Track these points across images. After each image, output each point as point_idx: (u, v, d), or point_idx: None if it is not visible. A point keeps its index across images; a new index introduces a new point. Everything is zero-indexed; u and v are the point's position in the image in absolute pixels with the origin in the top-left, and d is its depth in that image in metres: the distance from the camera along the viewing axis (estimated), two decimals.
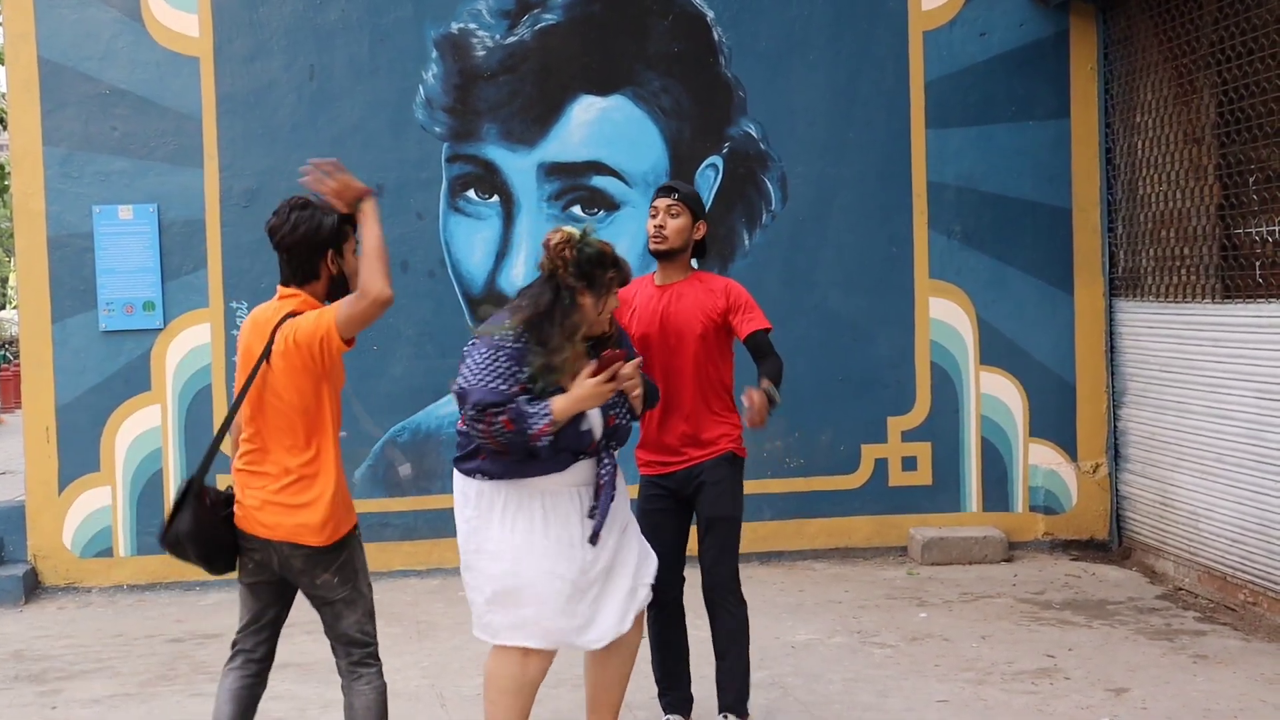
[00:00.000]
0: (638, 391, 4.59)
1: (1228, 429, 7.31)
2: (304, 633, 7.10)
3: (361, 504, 8.23)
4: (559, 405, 4.40)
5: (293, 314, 4.36)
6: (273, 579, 4.55)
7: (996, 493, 8.72)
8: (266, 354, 4.32)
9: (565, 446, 4.48)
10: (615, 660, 4.86)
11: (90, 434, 8.19)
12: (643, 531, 4.93)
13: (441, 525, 8.35)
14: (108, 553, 8.22)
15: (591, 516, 4.59)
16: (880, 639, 6.76)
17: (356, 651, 4.48)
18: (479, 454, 4.53)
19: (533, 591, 4.52)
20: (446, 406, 8.37)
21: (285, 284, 4.50)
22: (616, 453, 4.70)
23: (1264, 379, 6.97)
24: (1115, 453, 8.63)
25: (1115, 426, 8.62)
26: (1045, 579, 7.99)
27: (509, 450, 4.41)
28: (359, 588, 4.49)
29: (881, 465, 8.65)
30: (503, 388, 4.39)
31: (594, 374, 4.45)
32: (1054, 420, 8.70)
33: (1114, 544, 8.63)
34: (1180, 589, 7.66)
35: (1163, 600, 7.48)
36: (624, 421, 4.65)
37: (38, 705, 6.06)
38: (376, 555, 8.22)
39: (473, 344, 4.52)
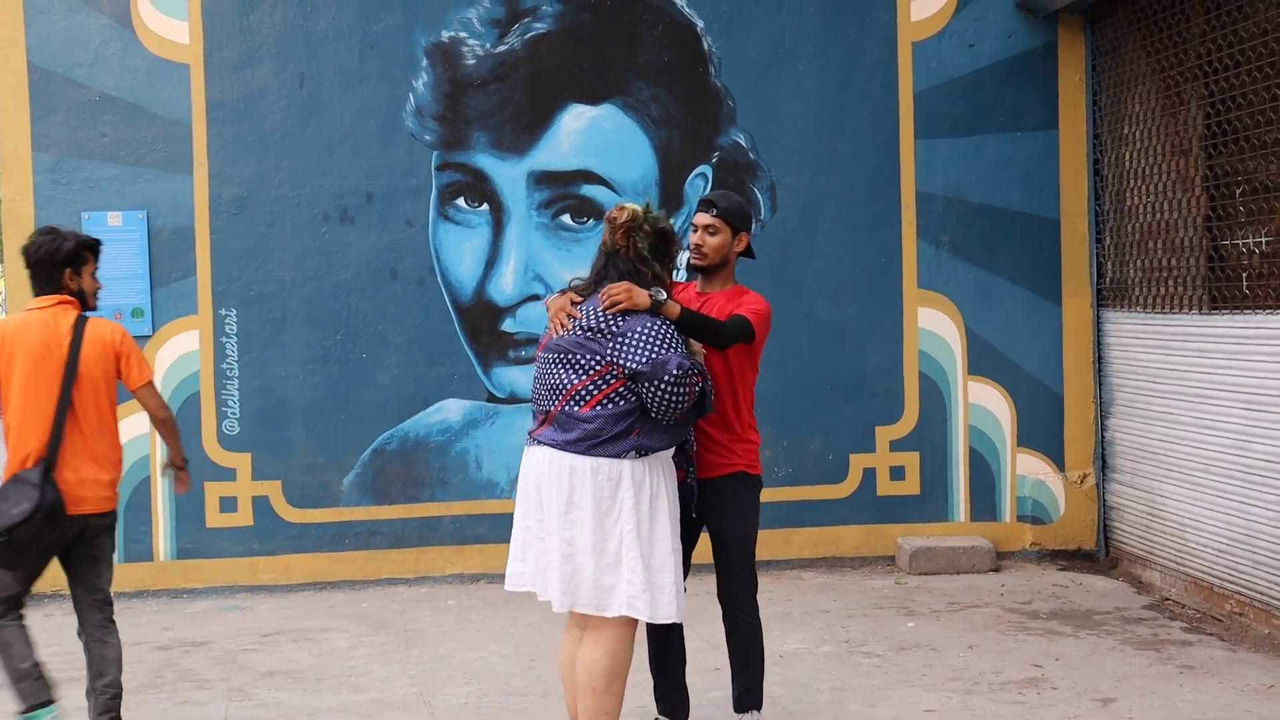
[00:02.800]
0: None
1: (1215, 440, 7.32)
2: (290, 641, 7.11)
3: (349, 512, 8.32)
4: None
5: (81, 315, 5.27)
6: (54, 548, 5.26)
7: (984, 502, 8.73)
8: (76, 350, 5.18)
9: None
10: (588, 660, 4.88)
11: None
12: None
13: (430, 533, 8.36)
14: None
15: (693, 487, 5.03)
16: (868, 648, 6.77)
17: (108, 608, 5.31)
18: (632, 431, 4.70)
19: (674, 563, 4.82)
20: (436, 414, 8.36)
21: (39, 294, 5.28)
22: None
23: (1251, 390, 6.99)
24: (1103, 463, 8.65)
25: (1103, 437, 8.64)
26: (1033, 589, 8.00)
27: (695, 409, 4.78)
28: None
29: (869, 475, 8.65)
30: (687, 352, 4.78)
31: None
32: (1042, 430, 8.71)
33: (1101, 554, 8.64)
34: (1167, 599, 7.68)
35: (1150, 610, 7.49)
36: None
37: None
38: (365, 563, 8.29)
39: (627, 325, 4.68)
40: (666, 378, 4.61)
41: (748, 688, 5.26)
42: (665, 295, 4.80)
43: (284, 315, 8.30)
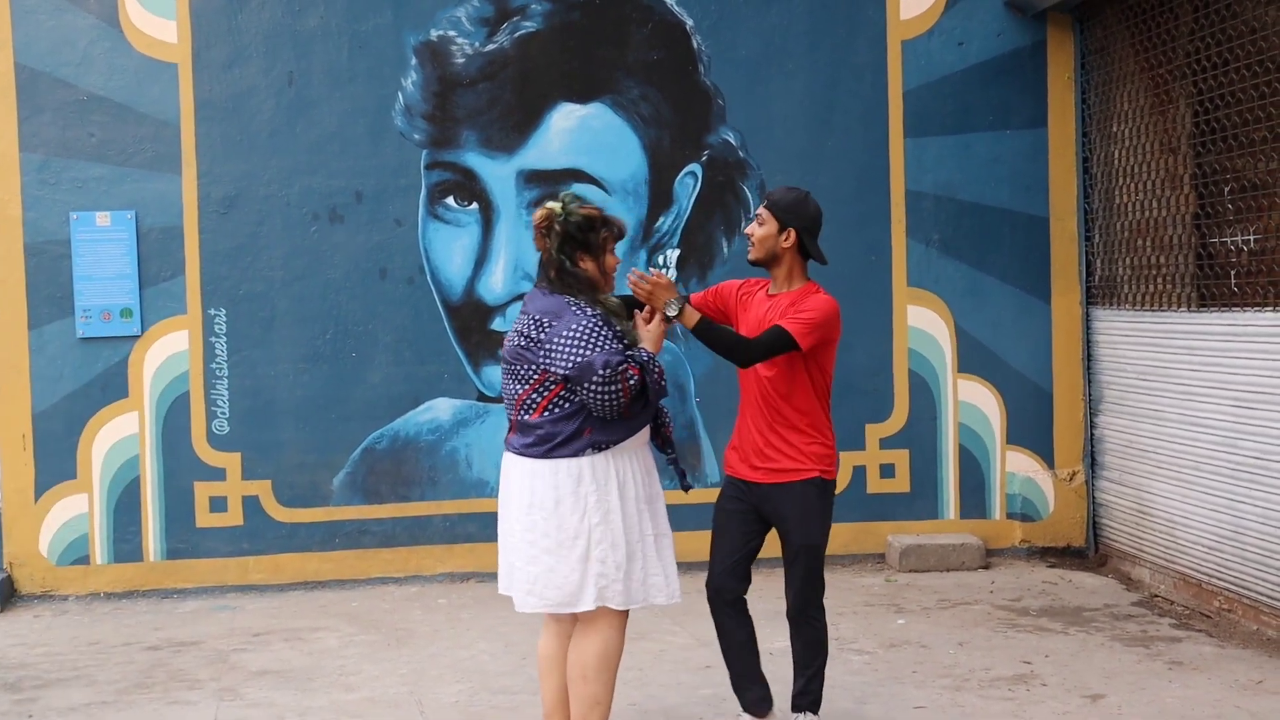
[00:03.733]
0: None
1: (1203, 437, 7.36)
2: (281, 641, 7.12)
3: (340, 511, 8.33)
4: (650, 349, 4.83)
5: None
6: None
7: (974, 500, 8.75)
8: None
9: (655, 399, 4.88)
10: (579, 655, 4.92)
11: (67, 441, 8.16)
12: (714, 524, 5.30)
13: (420, 532, 8.37)
14: (84, 560, 8.19)
15: (675, 465, 5.03)
16: (858, 646, 6.79)
17: None
18: (584, 431, 4.74)
19: (649, 549, 4.88)
20: (426, 414, 8.37)
21: None
22: None
23: (1239, 387, 7.02)
24: (1092, 460, 8.68)
25: (1092, 434, 8.67)
26: (1022, 586, 8.02)
27: (635, 404, 4.75)
28: None
29: (860, 472, 8.67)
30: (617, 346, 4.71)
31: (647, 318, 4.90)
32: (1031, 428, 8.74)
33: (1090, 551, 8.67)
34: (1156, 596, 7.71)
35: (1139, 607, 7.52)
36: (664, 381, 4.94)
37: (14, 714, 6.04)
38: (355, 563, 8.29)
39: (549, 330, 4.69)
40: (595, 378, 4.62)
41: (805, 689, 5.26)
42: (678, 308, 4.88)
43: (273, 315, 8.30)
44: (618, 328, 4.78)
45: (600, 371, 4.61)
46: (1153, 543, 7.90)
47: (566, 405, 4.74)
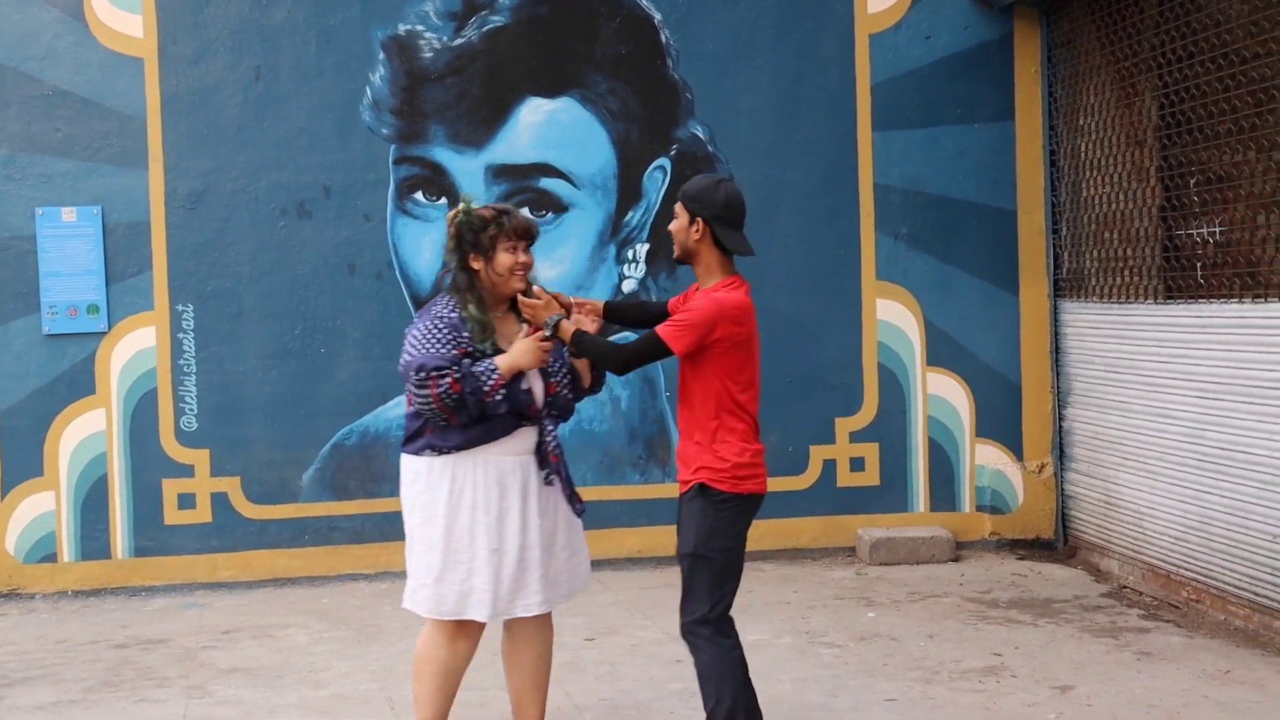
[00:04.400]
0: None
1: (1170, 428, 7.39)
2: (250, 638, 7.08)
3: (309, 508, 8.30)
4: (503, 362, 4.63)
5: None
6: None
7: (943, 493, 8.78)
8: None
9: (510, 408, 4.67)
10: (531, 661, 4.97)
11: (33, 438, 8.09)
12: None
13: (390, 528, 8.30)
14: (51, 558, 8.13)
15: (549, 483, 4.79)
16: (828, 639, 6.79)
17: None
18: (425, 431, 4.70)
19: (479, 562, 4.69)
20: (395, 409, 8.33)
21: None
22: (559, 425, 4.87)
23: (1205, 379, 7.06)
24: (1060, 452, 8.71)
25: (1060, 426, 8.70)
26: (992, 578, 8.05)
27: (457, 414, 4.60)
28: None
29: (830, 466, 8.69)
30: (444, 351, 4.60)
31: (530, 334, 4.71)
32: (1000, 420, 8.77)
33: (1060, 543, 8.70)
34: (1125, 587, 7.74)
35: (1107, 598, 7.55)
36: (565, 391, 4.83)
37: None
38: (325, 559, 8.26)
39: (411, 324, 4.78)
40: (410, 380, 4.61)
41: None
42: (551, 327, 4.70)
43: (241, 310, 8.25)
44: (466, 334, 4.65)
45: (414, 374, 4.57)
46: (1121, 534, 7.93)
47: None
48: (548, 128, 8.45)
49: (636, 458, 8.52)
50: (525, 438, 4.76)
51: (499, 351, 4.68)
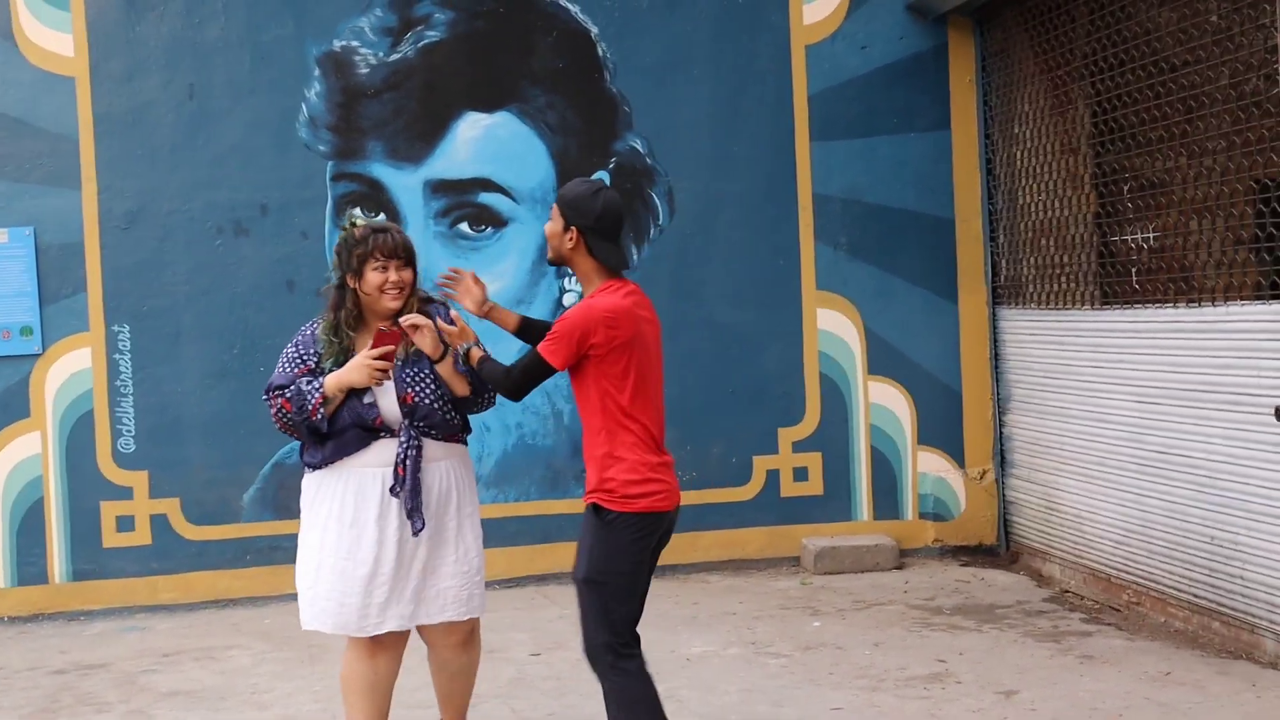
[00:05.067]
0: (415, 320, 4.64)
1: (1108, 433, 7.46)
2: (192, 660, 7.01)
3: (250, 528, 8.24)
4: (329, 381, 4.63)
5: None
6: None
7: (887, 501, 8.81)
8: None
9: (351, 422, 4.67)
10: (446, 677, 5.03)
11: None
12: None
13: None
14: None
15: (394, 494, 4.66)
16: (775, 649, 6.81)
17: None
18: (304, 448, 4.81)
19: (331, 573, 4.68)
20: None
21: None
22: (436, 436, 4.77)
23: (1142, 383, 7.13)
24: (1001, 459, 8.78)
25: (1001, 433, 8.77)
26: (936, 585, 8.09)
27: (296, 432, 4.72)
28: None
29: (773, 476, 8.71)
30: (289, 370, 4.70)
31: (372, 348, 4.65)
32: (941, 428, 8.81)
33: (1002, 549, 8.76)
34: (1067, 591, 7.81)
35: (1050, 603, 7.61)
36: (426, 400, 4.72)
37: None
38: (268, 579, 8.19)
39: None
40: (263, 397, 4.78)
41: None
42: (467, 347, 4.67)
43: (179, 330, 8.19)
44: (316, 350, 4.73)
45: (264, 394, 4.75)
46: (1062, 539, 8.00)
47: None
48: (486, 142, 8.44)
49: (579, 471, 8.44)
50: (386, 449, 4.70)
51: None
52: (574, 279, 8.49)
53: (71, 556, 8.08)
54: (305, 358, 4.74)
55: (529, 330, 4.93)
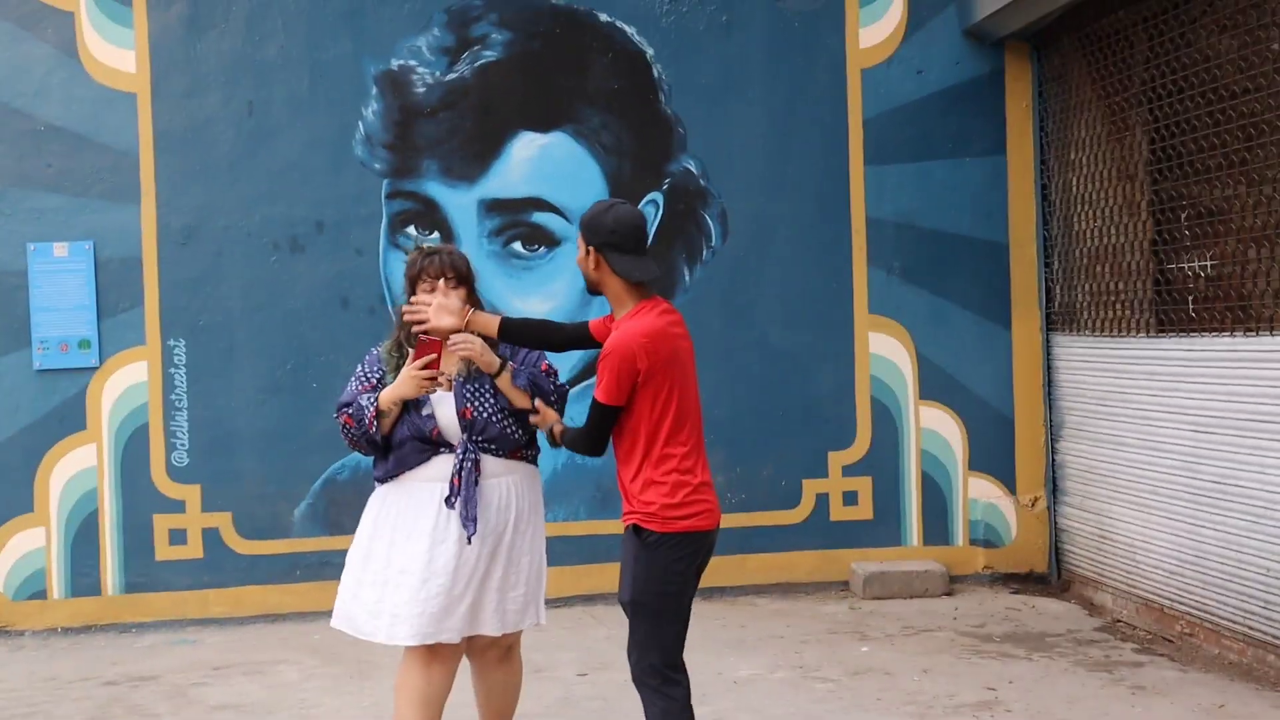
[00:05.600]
0: (465, 349, 4.70)
1: (1162, 461, 7.40)
2: (241, 674, 7.06)
3: (301, 543, 8.29)
4: (383, 395, 4.78)
5: None
6: None
7: (937, 527, 8.77)
8: None
9: (410, 435, 4.78)
10: (485, 690, 5.09)
11: (23, 474, 8.10)
12: None
13: None
14: (41, 595, 8.11)
15: (450, 505, 4.74)
16: (822, 673, 6.78)
17: None
18: (375, 464, 4.95)
19: (373, 581, 4.81)
20: None
21: None
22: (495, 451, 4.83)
23: (1197, 412, 7.07)
24: (1053, 486, 8.72)
25: (1053, 460, 8.71)
26: (985, 612, 8.04)
27: (360, 447, 4.86)
28: None
29: (823, 500, 8.69)
30: (354, 388, 4.87)
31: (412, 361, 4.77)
32: (993, 454, 8.77)
33: (1053, 577, 8.70)
34: (1119, 621, 7.74)
35: (1101, 632, 7.55)
36: (485, 414, 4.79)
37: None
38: (317, 594, 8.23)
39: None
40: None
41: None
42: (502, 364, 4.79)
43: (233, 345, 8.27)
44: (379, 368, 4.89)
45: (335, 411, 4.92)
46: (1114, 568, 7.93)
47: None
48: (540, 162, 8.48)
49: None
50: (446, 465, 4.79)
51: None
52: None
53: (124, 569, 8.16)
54: (369, 375, 4.88)
55: (511, 330, 4.84)
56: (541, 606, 5.00)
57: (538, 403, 4.79)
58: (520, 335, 4.86)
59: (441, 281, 4.82)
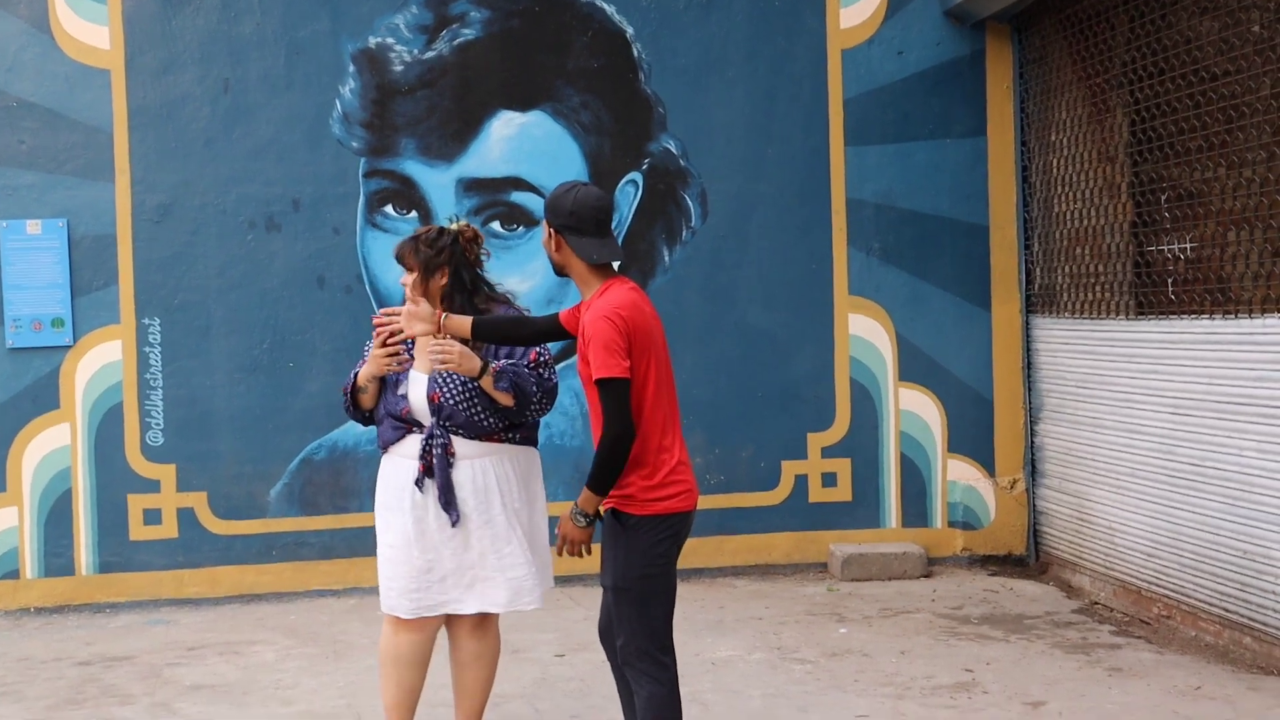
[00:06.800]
0: (442, 357, 4.71)
1: (1140, 444, 7.44)
2: (216, 654, 7.05)
3: (278, 523, 8.29)
4: (361, 371, 4.99)
5: None
6: None
7: (915, 508, 8.80)
8: None
9: (386, 412, 4.97)
10: (457, 663, 5.15)
11: None
12: None
13: (359, 544, 8.30)
14: (14, 575, 8.08)
15: (418, 486, 4.86)
16: (800, 655, 6.81)
17: None
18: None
19: (381, 556, 4.99)
20: None
21: None
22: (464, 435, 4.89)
23: (1175, 394, 7.11)
24: (1032, 468, 8.75)
25: (1032, 442, 8.74)
26: (964, 594, 8.08)
27: (354, 417, 5.12)
28: None
29: (801, 481, 8.70)
30: (356, 366, 5.07)
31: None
32: (972, 436, 8.80)
33: (1031, 559, 8.74)
34: (1096, 603, 7.78)
35: (1079, 614, 7.59)
36: (451, 401, 4.84)
37: None
38: (293, 575, 8.24)
39: None
40: None
41: None
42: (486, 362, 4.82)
43: (209, 324, 8.24)
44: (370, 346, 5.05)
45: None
46: (1092, 550, 7.98)
47: None
48: (519, 141, 8.47)
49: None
50: (414, 444, 4.92)
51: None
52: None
53: (98, 548, 8.13)
54: (366, 352, 5.08)
55: (483, 331, 4.81)
56: (530, 591, 4.97)
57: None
58: (492, 335, 4.83)
59: (414, 264, 4.96)
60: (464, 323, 4.77)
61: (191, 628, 7.66)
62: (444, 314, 4.80)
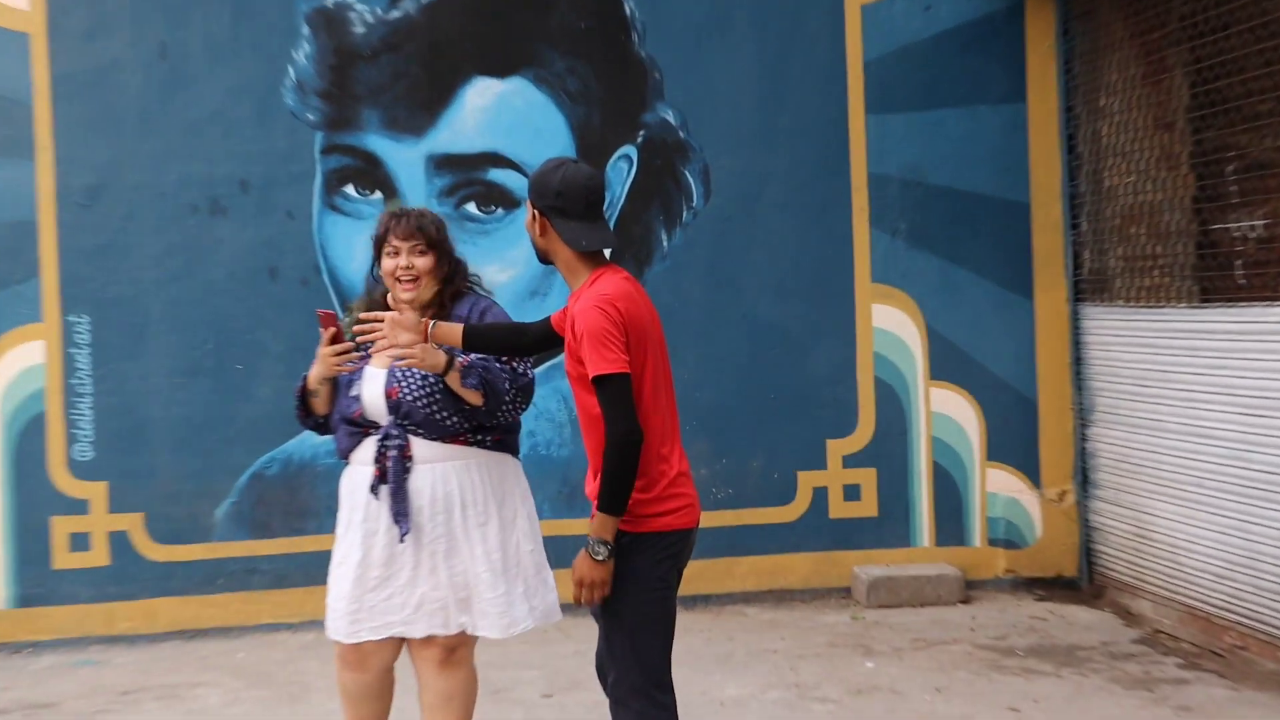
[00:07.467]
0: (403, 351, 4.66)
1: (1209, 449, 7.36)
2: (153, 700, 6.90)
3: (223, 548, 8.26)
4: (311, 373, 4.95)
5: None
6: None
7: (951, 525, 8.75)
8: None
9: (339, 417, 4.91)
10: (425, 705, 5.00)
11: None
12: None
13: (316, 571, 8.05)
14: None
15: (373, 493, 4.78)
16: (821, 693, 6.72)
17: None
18: None
19: (330, 575, 4.95)
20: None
21: None
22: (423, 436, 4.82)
23: (1247, 392, 7.03)
24: (1084, 478, 8.70)
25: (1083, 448, 8.69)
26: (1007, 622, 8.01)
27: (307, 425, 5.11)
28: None
29: (820, 495, 8.64)
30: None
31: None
32: (1014, 442, 8.75)
33: (1084, 581, 8.69)
34: (1160, 632, 7.71)
35: (1140, 645, 7.52)
36: (409, 397, 4.78)
37: None
38: (242, 607, 8.13)
39: None
40: None
41: None
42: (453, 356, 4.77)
43: (145, 321, 8.16)
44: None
45: None
46: (1154, 571, 7.91)
47: None
48: (497, 112, 8.41)
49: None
50: (370, 447, 4.86)
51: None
52: None
53: (17, 579, 8.03)
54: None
55: (476, 340, 4.75)
56: (492, 617, 4.83)
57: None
58: (486, 344, 4.79)
59: (409, 244, 4.86)
60: (454, 331, 4.73)
61: (125, 669, 7.56)
62: (432, 322, 4.74)
